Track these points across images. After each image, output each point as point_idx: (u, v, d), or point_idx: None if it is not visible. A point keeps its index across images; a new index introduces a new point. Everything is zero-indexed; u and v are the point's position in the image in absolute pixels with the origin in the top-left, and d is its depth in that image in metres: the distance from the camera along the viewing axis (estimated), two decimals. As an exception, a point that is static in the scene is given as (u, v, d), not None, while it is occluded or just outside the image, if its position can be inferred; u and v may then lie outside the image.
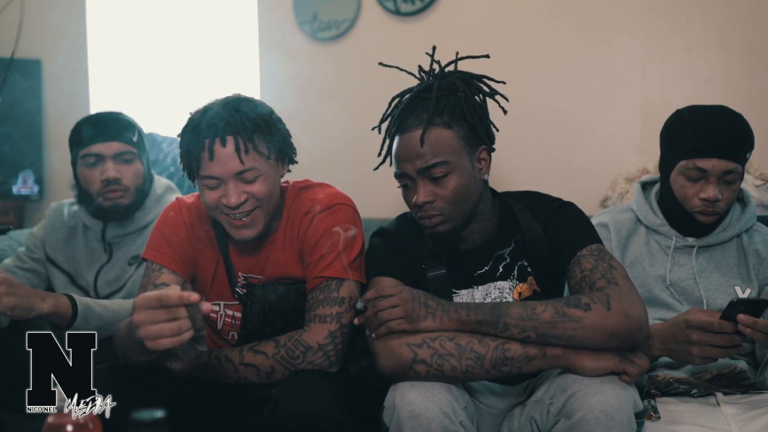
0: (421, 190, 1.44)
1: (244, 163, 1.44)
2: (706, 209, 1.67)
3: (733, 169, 1.64)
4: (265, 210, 1.51)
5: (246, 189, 1.46)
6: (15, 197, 2.87)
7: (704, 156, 1.64)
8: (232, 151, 1.43)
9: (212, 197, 1.47)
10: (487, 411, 1.49)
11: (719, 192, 1.65)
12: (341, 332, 1.49)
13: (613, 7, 2.45)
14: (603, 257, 1.43)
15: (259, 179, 1.47)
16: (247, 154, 1.44)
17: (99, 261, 2.01)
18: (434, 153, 1.42)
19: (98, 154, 1.92)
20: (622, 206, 1.90)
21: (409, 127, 1.44)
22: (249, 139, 1.44)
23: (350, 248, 1.54)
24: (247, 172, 1.45)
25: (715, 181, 1.65)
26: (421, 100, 1.47)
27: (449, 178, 1.43)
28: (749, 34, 2.32)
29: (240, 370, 1.49)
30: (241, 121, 1.44)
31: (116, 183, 1.92)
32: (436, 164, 1.42)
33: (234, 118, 1.44)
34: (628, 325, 1.29)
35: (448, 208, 1.45)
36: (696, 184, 1.67)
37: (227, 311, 1.64)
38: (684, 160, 1.67)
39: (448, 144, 1.43)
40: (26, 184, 2.87)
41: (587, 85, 2.48)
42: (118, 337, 1.46)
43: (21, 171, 2.86)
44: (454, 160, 1.43)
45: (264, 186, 1.48)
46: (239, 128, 1.44)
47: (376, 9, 2.67)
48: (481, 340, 1.32)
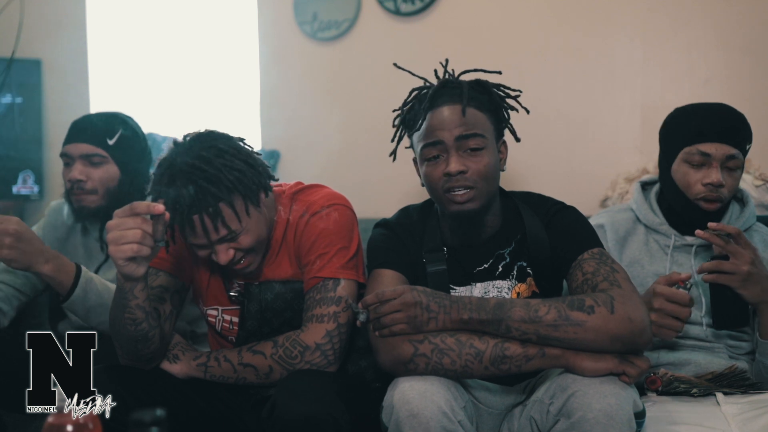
0: (455, 159, 1.46)
1: (211, 238, 1.42)
2: (710, 195, 1.67)
3: (735, 154, 1.66)
4: (258, 252, 1.52)
5: (233, 246, 1.46)
6: (15, 197, 2.87)
7: (707, 140, 1.66)
8: (210, 226, 1.41)
9: (205, 254, 1.48)
10: (487, 411, 1.49)
11: (722, 178, 1.66)
12: (339, 332, 1.50)
13: (613, 8, 2.45)
14: (605, 261, 1.43)
15: (241, 235, 1.45)
16: (216, 231, 1.41)
17: (97, 260, 2.00)
18: (474, 125, 1.47)
19: (69, 154, 1.94)
20: (620, 206, 1.91)
21: (446, 102, 1.48)
22: (216, 214, 1.40)
23: (347, 248, 1.55)
24: (228, 237, 1.44)
25: (718, 166, 1.66)
26: (452, 87, 1.51)
27: (483, 153, 1.47)
28: (749, 34, 2.32)
29: (238, 371, 1.50)
30: (203, 197, 1.38)
31: (79, 184, 1.91)
32: (475, 134, 1.46)
33: (197, 196, 1.38)
34: (631, 328, 1.29)
35: (479, 181, 1.46)
36: (699, 171, 1.68)
37: (225, 316, 1.65)
38: (687, 146, 1.69)
39: (483, 122, 1.49)
40: (26, 184, 2.86)
41: (587, 85, 2.48)
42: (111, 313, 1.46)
43: (21, 171, 2.86)
44: (488, 137, 1.49)
45: (249, 237, 1.47)
46: (202, 206, 1.39)
47: (376, 9, 2.67)
48: (482, 336, 1.33)
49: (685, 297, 1.52)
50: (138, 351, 1.45)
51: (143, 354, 1.46)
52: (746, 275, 1.56)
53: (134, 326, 1.41)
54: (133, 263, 1.31)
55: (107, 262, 2.00)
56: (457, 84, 1.51)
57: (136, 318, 1.40)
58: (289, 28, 2.78)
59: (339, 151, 2.67)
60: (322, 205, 1.57)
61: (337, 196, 1.62)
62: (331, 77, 2.75)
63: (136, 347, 1.44)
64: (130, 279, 1.34)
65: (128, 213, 1.29)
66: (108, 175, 1.94)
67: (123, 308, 1.39)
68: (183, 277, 1.60)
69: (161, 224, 1.32)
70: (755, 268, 1.56)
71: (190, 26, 2.95)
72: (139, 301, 1.38)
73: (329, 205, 1.57)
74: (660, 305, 1.52)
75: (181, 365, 1.53)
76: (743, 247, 1.58)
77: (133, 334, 1.42)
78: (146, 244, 1.29)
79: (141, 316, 1.40)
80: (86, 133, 1.93)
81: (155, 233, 1.31)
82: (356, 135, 2.67)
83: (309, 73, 2.77)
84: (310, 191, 1.63)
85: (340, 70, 2.74)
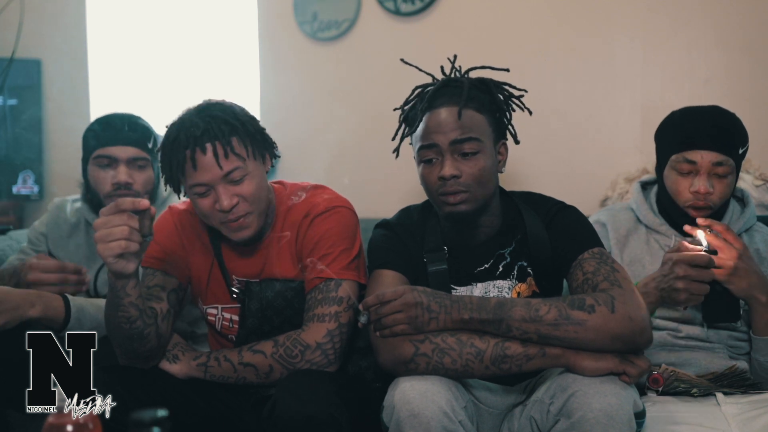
0: (449, 163, 1.46)
1: (222, 168, 1.45)
2: (697, 203, 1.67)
3: (723, 161, 1.65)
4: (257, 211, 1.52)
5: (235, 191, 1.48)
6: (15, 197, 2.87)
7: (693, 148, 1.66)
8: (212, 159, 1.46)
9: (205, 204, 1.49)
10: (487, 411, 1.49)
11: (710, 185, 1.65)
12: (340, 331, 1.50)
13: (614, 8, 2.45)
14: (605, 260, 1.43)
15: (245, 179, 1.49)
16: (227, 158, 1.46)
17: (99, 260, 1.99)
18: (470, 128, 1.46)
19: (112, 156, 1.92)
20: (621, 205, 1.91)
21: (444, 104, 1.48)
22: (227, 143, 1.46)
23: (349, 249, 1.56)
24: (232, 173, 1.47)
25: (705, 174, 1.66)
26: (453, 87, 1.50)
27: (478, 157, 1.46)
28: (749, 34, 2.32)
29: (239, 370, 1.50)
30: (217, 126, 1.46)
31: (127, 188, 1.91)
32: (470, 138, 1.45)
33: (210, 125, 1.46)
34: (632, 328, 1.29)
35: (473, 185, 1.46)
36: (687, 178, 1.68)
37: (224, 314, 1.65)
38: (674, 153, 1.69)
39: (481, 125, 1.48)
40: (26, 184, 2.86)
41: (587, 85, 2.48)
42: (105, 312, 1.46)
43: (21, 171, 2.86)
44: (484, 140, 1.47)
45: (252, 184, 1.50)
46: (216, 134, 1.46)
47: (376, 9, 2.67)
48: (483, 336, 1.33)
49: (705, 258, 1.54)
50: (135, 349, 1.46)
51: (140, 352, 1.46)
52: (732, 269, 1.57)
53: (128, 324, 1.41)
54: (122, 260, 1.32)
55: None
56: (459, 83, 1.51)
57: (130, 316, 1.40)
58: (289, 28, 2.78)
59: (339, 151, 2.68)
60: (325, 207, 1.59)
61: (339, 198, 1.64)
62: (331, 77, 2.75)
63: (132, 346, 1.45)
64: (121, 276, 1.35)
65: (113, 210, 1.31)
66: (149, 179, 1.95)
67: (117, 307, 1.40)
68: (180, 277, 1.61)
69: (147, 219, 1.34)
70: (743, 263, 1.57)
71: (190, 26, 2.95)
72: (132, 298, 1.39)
73: (332, 207, 1.59)
74: (684, 272, 1.53)
75: (181, 365, 1.53)
76: (731, 242, 1.59)
77: (128, 333, 1.42)
78: (134, 240, 1.31)
79: (135, 314, 1.41)
80: (132, 136, 1.93)
81: (142, 228, 1.33)
82: (356, 135, 2.66)
83: (309, 73, 2.77)
84: (314, 192, 1.65)
85: (340, 70, 2.74)
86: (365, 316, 1.38)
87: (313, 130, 2.73)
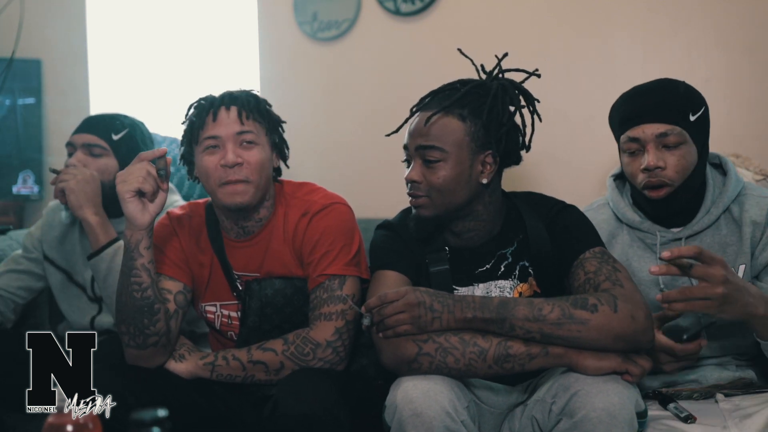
0: (414, 168, 1.49)
1: (244, 123, 1.55)
2: (651, 180, 1.58)
3: (668, 131, 1.55)
4: (255, 183, 1.55)
5: (242, 153, 1.54)
6: (15, 197, 2.87)
7: (633, 124, 1.59)
8: (235, 116, 1.56)
9: (211, 161, 1.55)
10: (489, 410, 1.49)
11: (659, 158, 1.56)
12: (347, 329, 1.53)
13: (613, 7, 2.45)
14: (606, 260, 1.43)
15: (255, 148, 1.56)
16: (248, 120, 1.56)
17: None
18: (435, 137, 1.46)
19: (71, 143, 1.96)
20: (598, 201, 1.81)
21: (426, 107, 1.49)
22: (251, 111, 1.58)
23: (349, 245, 1.58)
24: (246, 134, 1.55)
25: (652, 148, 1.56)
26: (447, 91, 1.51)
27: (440, 166, 1.46)
28: (749, 34, 2.31)
29: (248, 368, 1.51)
30: (245, 96, 1.60)
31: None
32: (432, 147, 1.45)
33: (240, 94, 1.60)
34: (634, 327, 1.29)
35: (433, 193, 1.47)
36: (637, 158, 1.60)
37: (223, 311, 1.67)
38: (620, 135, 1.63)
39: (453, 135, 1.46)
40: (26, 184, 2.86)
41: (587, 84, 2.48)
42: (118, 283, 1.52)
43: (21, 171, 2.85)
44: (452, 151, 1.45)
45: (258, 156, 1.56)
46: (243, 101, 1.58)
47: (376, 9, 2.67)
48: (485, 335, 1.33)
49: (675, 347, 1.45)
50: (143, 329, 1.46)
51: (149, 334, 1.47)
52: (722, 298, 1.32)
53: (140, 293, 1.45)
54: (138, 201, 1.44)
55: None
56: (454, 89, 1.50)
57: (142, 282, 1.45)
58: (289, 28, 2.78)
59: (339, 151, 2.68)
60: (323, 204, 1.61)
61: (334, 195, 1.67)
62: (331, 77, 2.75)
63: (142, 322, 1.46)
64: (134, 227, 1.45)
65: (134, 162, 1.47)
66: (106, 168, 1.94)
67: (129, 271, 1.46)
68: (185, 279, 1.62)
69: (163, 161, 1.48)
70: (729, 285, 1.32)
71: (190, 26, 2.95)
72: (145, 261, 1.46)
73: (329, 204, 1.61)
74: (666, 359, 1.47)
75: (187, 364, 1.54)
76: (709, 265, 1.33)
77: (140, 303, 1.45)
78: (150, 179, 1.45)
79: (147, 281, 1.46)
80: (91, 125, 1.97)
81: (159, 170, 1.48)
82: (356, 135, 2.66)
83: (309, 73, 2.77)
84: (312, 190, 1.67)
85: (340, 70, 2.74)
86: (368, 318, 1.38)
87: (312, 129, 2.73)
